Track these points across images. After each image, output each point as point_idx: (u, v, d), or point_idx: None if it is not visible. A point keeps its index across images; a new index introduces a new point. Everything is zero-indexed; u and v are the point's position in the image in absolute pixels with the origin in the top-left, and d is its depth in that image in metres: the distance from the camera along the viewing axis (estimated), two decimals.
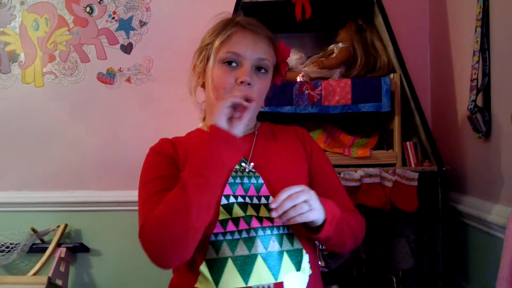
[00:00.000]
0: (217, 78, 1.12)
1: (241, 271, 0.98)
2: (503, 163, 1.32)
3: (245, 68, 1.10)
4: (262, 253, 0.99)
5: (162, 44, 2.12)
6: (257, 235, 1.01)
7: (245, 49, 1.11)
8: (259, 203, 1.07)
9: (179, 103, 2.04)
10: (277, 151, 1.18)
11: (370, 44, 1.76)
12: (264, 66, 1.14)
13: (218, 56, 1.12)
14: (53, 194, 2.15)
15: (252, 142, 1.18)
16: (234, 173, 1.08)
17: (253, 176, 1.10)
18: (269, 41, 1.17)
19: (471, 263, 1.58)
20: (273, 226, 1.03)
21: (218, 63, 1.12)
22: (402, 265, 1.81)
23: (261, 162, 1.13)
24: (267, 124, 1.28)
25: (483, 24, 1.38)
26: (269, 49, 1.16)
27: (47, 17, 2.15)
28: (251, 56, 1.11)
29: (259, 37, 1.14)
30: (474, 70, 1.41)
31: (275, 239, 1.02)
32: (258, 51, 1.12)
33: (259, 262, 0.99)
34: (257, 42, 1.13)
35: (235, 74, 1.10)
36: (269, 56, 1.15)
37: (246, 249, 0.99)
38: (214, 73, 1.13)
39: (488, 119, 1.40)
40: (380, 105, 1.63)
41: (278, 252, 1.01)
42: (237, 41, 1.12)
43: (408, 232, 1.93)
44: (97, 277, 2.16)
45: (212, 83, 1.13)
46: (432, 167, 1.62)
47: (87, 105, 2.15)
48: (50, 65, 2.16)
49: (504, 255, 1.05)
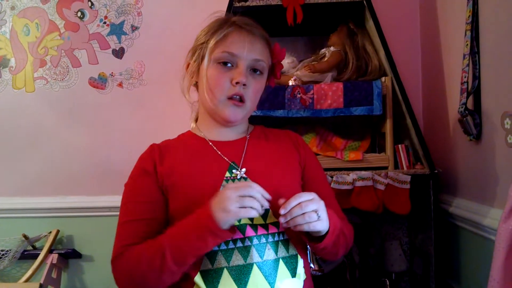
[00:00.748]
0: (212, 78, 1.11)
1: (237, 281, 0.96)
2: (494, 165, 1.33)
3: (241, 69, 1.09)
4: (258, 262, 0.98)
5: (154, 48, 2.11)
6: (252, 244, 0.99)
7: (241, 49, 1.09)
8: None
9: (171, 107, 2.05)
10: (270, 156, 1.17)
11: (361, 48, 1.77)
12: (259, 67, 1.13)
13: (213, 56, 1.11)
14: (45, 200, 2.13)
15: (244, 146, 1.16)
16: (225, 182, 1.07)
17: None
18: (265, 42, 1.16)
19: (463, 265, 1.59)
20: (268, 233, 1.02)
21: (213, 63, 1.11)
22: (395, 268, 1.82)
23: (253, 167, 1.11)
24: (260, 128, 1.26)
25: (472, 28, 1.40)
26: (265, 50, 1.15)
27: (38, 22, 2.14)
28: (247, 57, 1.10)
29: (255, 37, 1.13)
30: (465, 73, 1.42)
31: (270, 247, 1.01)
32: (254, 52, 1.11)
33: (255, 271, 0.97)
34: (253, 42, 1.12)
35: (230, 74, 1.09)
36: (265, 57, 1.15)
37: (241, 259, 0.98)
38: (208, 73, 1.11)
39: (479, 121, 1.41)
40: (371, 109, 1.64)
41: (273, 260, 1.00)
42: (233, 41, 1.10)
43: (401, 234, 1.94)
44: (89, 283, 2.14)
45: (206, 84, 1.11)
46: (424, 169, 1.63)
47: (78, 110, 2.14)
48: (41, 70, 2.15)
49: (495, 257, 1.05)
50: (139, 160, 1.14)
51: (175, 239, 0.96)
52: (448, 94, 1.68)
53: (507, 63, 1.22)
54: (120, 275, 1.03)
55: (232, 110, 1.11)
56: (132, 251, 1.01)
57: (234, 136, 1.19)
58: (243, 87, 1.09)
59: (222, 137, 1.17)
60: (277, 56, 1.21)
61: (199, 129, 1.21)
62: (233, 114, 1.12)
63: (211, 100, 1.11)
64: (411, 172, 1.62)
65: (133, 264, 0.99)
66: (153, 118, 2.11)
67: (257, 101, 1.18)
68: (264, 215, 1.04)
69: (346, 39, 1.77)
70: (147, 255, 0.97)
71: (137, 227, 1.05)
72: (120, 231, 1.08)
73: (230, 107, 1.11)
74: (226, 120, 1.13)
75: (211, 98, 1.11)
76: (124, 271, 1.01)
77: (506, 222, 1.03)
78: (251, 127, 1.25)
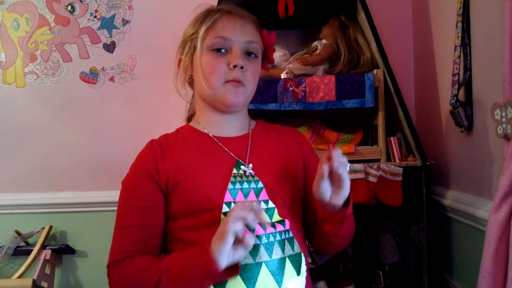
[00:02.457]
0: (208, 65, 1.08)
1: (245, 280, 0.95)
2: (485, 156, 1.34)
3: (236, 52, 1.07)
4: (267, 261, 0.98)
5: (146, 42, 2.10)
6: (261, 243, 0.98)
7: (233, 32, 1.07)
8: None
9: (163, 101, 2.04)
10: (274, 152, 1.15)
11: (353, 40, 1.77)
12: (253, 50, 1.11)
13: (206, 44, 1.08)
14: (37, 196, 2.12)
15: (248, 142, 1.14)
16: (233, 178, 1.05)
17: (252, 180, 1.07)
18: (256, 24, 1.14)
19: (455, 256, 1.60)
20: (276, 231, 1.01)
21: (206, 51, 1.09)
22: (388, 260, 1.83)
23: (258, 163, 1.09)
24: (262, 123, 1.24)
25: (463, 19, 1.40)
26: (256, 32, 1.13)
27: (28, 16, 2.12)
28: (240, 39, 1.08)
29: (245, 20, 1.11)
30: (456, 65, 1.42)
31: (277, 245, 1.01)
32: (246, 34, 1.09)
33: (263, 270, 0.97)
34: (244, 25, 1.10)
35: (225, 59, 1.07)
36: (258, 39, 1.13)
37: (250, 258, 0.97)
38: (203, 61, 1.09)
39: (470, 113, 1.41)
40: (364, 101, 1.64)
41: (280, 258, 1.00)
42: (223, 25, 1.08)
43: (394, 226, 1.95)
44: (83, 278, 2.14)
45: (202, 72, 1.09)
46: (416, 161, 1.63)
47: (70, 105, 2.12)
48: (31, 65, 2.12)
49: (486, 247, 1.06)
50: (138, 158, 1.11)
51: (174, 269, 0.94)
52: (440, 86, 1.69)
53: (497, 54, 1.22)
54: (115, 283, 1.03)
55: (233, 93, 1.08)
56: (131, 264, 1.00)
57: (237, 131, 1.16)
58: (240, 70, 1.07)
59: (225, 132, 1.15)
60: (268, 40, 1.19)
61: (198, 123, 1.18)
62: (234, 97, 1.08)
63: (209, 87, 1.08)
64: (403, 164, 1.62)
65: (129, 278, 0.99)
66: (146, 112, 2.10)
67: (256, 84, 1.15)
68: (270, 214, 1.04)
69: (338, 31, 1.77)
70: (145, 275, 0.96)
71: (134, 233, 1.04)
72: (117, 235, 1.07)
73: (230, 90, 1.08)
74: (227, 105, 1.10)
75: (208, 86, 1.08)
76: (120, 282, 1.02)
77: (497, 213, 1.04)
78: (252, 122, 1.23)
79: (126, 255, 1.02)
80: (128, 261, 1.01)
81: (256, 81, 1.14)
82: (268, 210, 1.04)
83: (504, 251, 1.03)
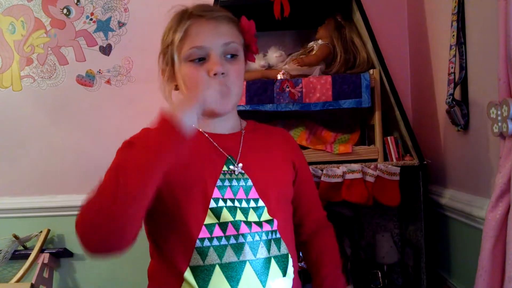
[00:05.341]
0: (188, 77, 1.06)
1: (229, 279, 0.95)
2: (482, 155, 1.34)
3: (214, 59, 1.03)
4: (251, 260, 0.97)
5: (142, 44, 2.09)
6: (245, 241, 0.98)
7: (208, 39, 1.04)
8: (248, 206, 1.03)
9: (160, 103, 2.02)
10: (265, 151, 1.15)
11: (349, 40, 1.77)
12: (232, 51, 1.07)
13: (182, 55, 1.06)
14: (35, 200, 2.11)
15: (240, 141, 1.13)
16: (223, 175, 1.04)
17: (242, 178, 1.06)
18: (231, 22, 1.10)
19: (453, 255, 1.60)
20: (262, 231, 1.01)
21: (184, 63, 1.06)
22: (387, 260, 1.83)
23: (249, 162, 1.09)
24: (253, 123, 1.23)
25: (458, 18, 1.40)
26: (232, 30, 1.09)
27: (24, 19, 2.12)
28: (216, 45, 1.04)
29: (218, 21, 1.06)
30: (451, 64, 1.42)
31: (263, 244, 1.00)
32: (221, 37, 1.05)
33: (247, 269, 0.96)
34: (218, 27, 1.06)
35: (205, 67, 1.04)
36: (235, 37, 1.09)
37: (234, 256, 0.97)
38: (182, 73, 1.07)
39: (466, 112, 1.41)
40: (360, 101, 1.64)
41: (265, 258, 1.00)
42: (196, 33, 1.04)
43: (392, 226, 1.95)
44: (81, 282, 2.13)
45: (184, 85, 1.08)
46: (413, 161, 1.64)
47: (67, 108, 2.12)
48: (28, 68, 2.12)
49: (483, 245, 1.07)
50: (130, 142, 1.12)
51: (128, 155, 0.94)
52: (436, 85, 1.69)
53: (492, 53, 1.22)
54: (80, 227, 0.90)
55: (219, 102, 1.05)
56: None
57: (228, 130, 1.15)
58: (222, 76, 1.04)
59: (217, 130, 1.13)
60: (248, 31, 1.14)
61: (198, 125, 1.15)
62: (221, 105, 1.06)
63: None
64: (401, 163, 1.62)
65: (89, 205, 0.91)
66: (142, 115, 2.06)
67: (242, 84, 1.13)
68: (259, 213, 1.04)
69: (334, 32, 1.77)
70: (101, 185, 0.92)
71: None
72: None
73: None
74: (215, 113, 1.08)
75: None
76: (82, 220, 0.91)
77: (493, 211, 1.04)
78: (243, 122, 1.21)
79: None
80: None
81: (241, 80, 1.12)
82: (258, 209, 1.04)
83: (501, 249, 1.03)
